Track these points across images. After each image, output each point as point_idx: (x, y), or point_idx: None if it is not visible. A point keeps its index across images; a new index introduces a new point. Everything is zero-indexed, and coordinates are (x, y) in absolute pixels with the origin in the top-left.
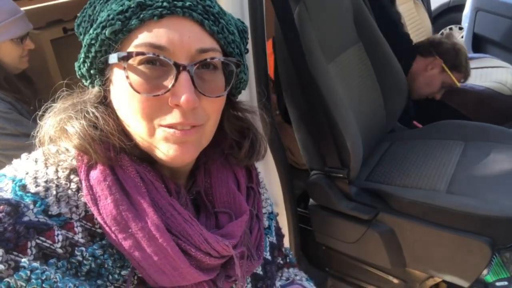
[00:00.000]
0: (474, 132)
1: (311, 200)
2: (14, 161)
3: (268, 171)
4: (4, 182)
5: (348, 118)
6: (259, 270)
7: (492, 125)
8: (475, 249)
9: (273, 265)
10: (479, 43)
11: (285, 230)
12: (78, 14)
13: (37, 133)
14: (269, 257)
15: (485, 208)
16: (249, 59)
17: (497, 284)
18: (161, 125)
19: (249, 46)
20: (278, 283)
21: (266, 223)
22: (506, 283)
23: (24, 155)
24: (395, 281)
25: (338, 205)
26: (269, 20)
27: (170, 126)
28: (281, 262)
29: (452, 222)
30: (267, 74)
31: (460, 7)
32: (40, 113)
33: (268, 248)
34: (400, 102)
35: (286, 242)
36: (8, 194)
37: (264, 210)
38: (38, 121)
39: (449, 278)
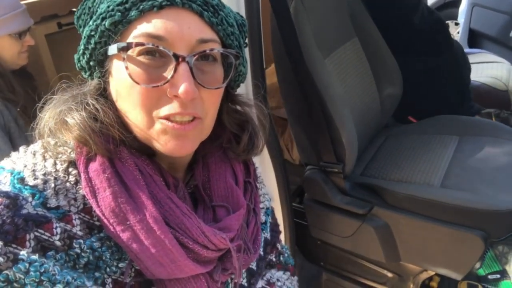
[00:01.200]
0: (469, 127)
1: (306, 195)
2: (13, 153)
3: (263, 166)
4: (3, 175)
5: (344, 113)
6: (253, 265)
7: (486, 119)
8: (468, 243)
9: (264, 261)
10: (475, 39)
11: (280, 225)
12: (78, 7)
13: (36, 125)
14: (261, 253)
15: (479, 202)
16: (245, 52)
17: (490, 277)
18: (159, 117)
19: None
20: (260, 283)
21: (263, 218)
22: (498, 276)
23: (22, 148)
24: (389, 275)
25: (333, 199)
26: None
27: (168, 117)
28: (274, 259)
29: (446, 216)
30: (263, 67)
31: (455, 3)
32: (40, 105)
33: (262, 244)
34: (395, 97)
35: (282, 237)
36: (6, 187)
37: (261, 205)
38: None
39: (443, 271)
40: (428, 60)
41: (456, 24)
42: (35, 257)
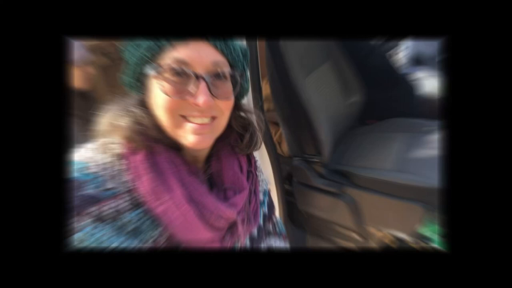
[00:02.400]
0: (413, 126)
1: (294, 179)
2: (79, 150)
3: (262, 158)
4: (74, 165)
5: (322, 119)
6: (254, 233)
7: (422, 120)
8: (412, 211)
9: (263, 230)
10: None
11: (275, 202)
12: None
13: (94, 128)
14: (261, 224)
15: (418, 181)
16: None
17: (426, 234)
18: (182, 116)
19: None
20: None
21: (261, 198)
22: (433, 233)
23: (85, 146)
24: (357, 236)
25: (314, 182)
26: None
27: (191, 120)
28: (271, 228)
29: (397, 192)
30: (260, 85)
31: None
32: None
33: (261, 217)
34: (358, 104)
35: (277, 212)
36: (75, 174)
37: (260, 188)
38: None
39: (395, 232)
40: (384, 91)
41: None
42: (95, 225)
